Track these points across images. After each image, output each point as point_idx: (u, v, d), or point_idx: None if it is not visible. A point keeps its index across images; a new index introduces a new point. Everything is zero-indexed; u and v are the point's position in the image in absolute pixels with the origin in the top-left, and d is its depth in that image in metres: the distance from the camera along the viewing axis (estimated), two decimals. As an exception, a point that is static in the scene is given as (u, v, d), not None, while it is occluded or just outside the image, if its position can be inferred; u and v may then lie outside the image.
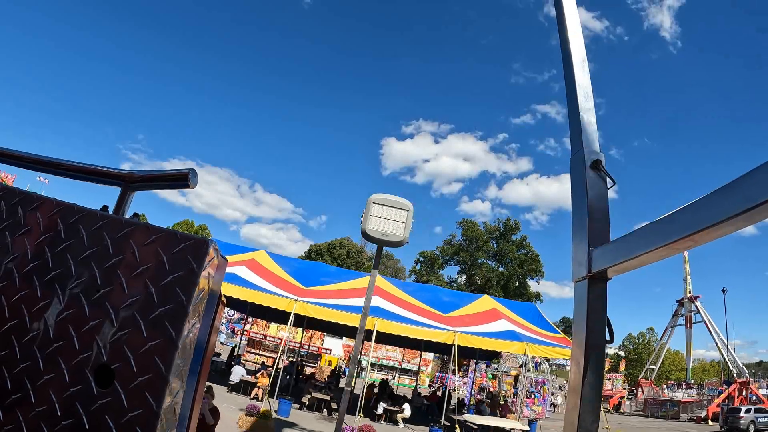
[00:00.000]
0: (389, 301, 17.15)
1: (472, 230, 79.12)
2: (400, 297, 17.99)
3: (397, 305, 17.00)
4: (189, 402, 0.90)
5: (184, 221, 69.28)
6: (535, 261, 75.62)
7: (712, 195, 1.00)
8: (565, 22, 1.73)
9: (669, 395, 44.97)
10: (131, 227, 0.88)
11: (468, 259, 78.65)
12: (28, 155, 1.04)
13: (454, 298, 20.60)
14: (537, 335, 16.94)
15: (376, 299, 16.72)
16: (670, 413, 40.29)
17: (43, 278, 0.87)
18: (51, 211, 0.91)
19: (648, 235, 1.10)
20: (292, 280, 17.30)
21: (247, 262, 17.18)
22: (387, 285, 18.94)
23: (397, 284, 20.33)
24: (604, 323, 1.21)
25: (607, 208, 1.35)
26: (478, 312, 18.17)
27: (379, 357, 44.02)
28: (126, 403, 0.80)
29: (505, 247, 76.74)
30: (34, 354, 0.84)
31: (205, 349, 0.93)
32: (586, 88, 1.55)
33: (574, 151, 1.46)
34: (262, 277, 16.51)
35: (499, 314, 17.95)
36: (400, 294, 18.39)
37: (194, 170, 0.94)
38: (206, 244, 0.86)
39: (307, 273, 18.67)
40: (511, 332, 16.38)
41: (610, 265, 1.17)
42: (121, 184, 0.99)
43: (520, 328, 17.10)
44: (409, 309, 17.01)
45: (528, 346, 15.29)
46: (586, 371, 1.16)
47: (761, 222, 1.03)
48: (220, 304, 0.97)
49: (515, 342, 15.63)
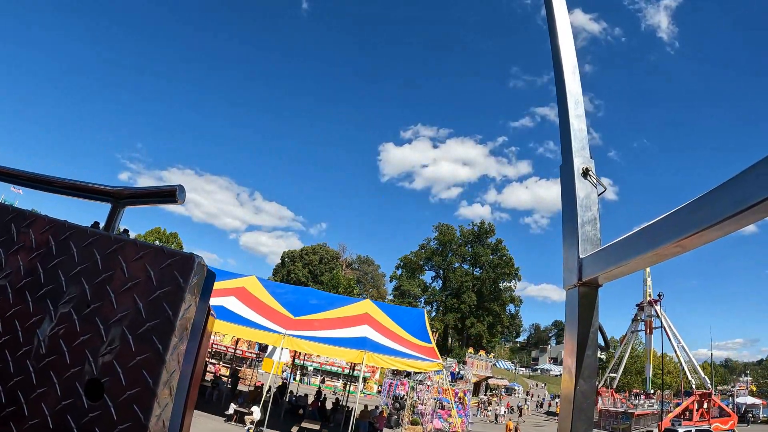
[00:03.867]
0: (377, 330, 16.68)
1: (447, 234, 78.60)
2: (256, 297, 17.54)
3: (246, 305, 16.62)
4: (178, 415, 0.91)
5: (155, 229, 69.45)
6: (509, 264, 74.85)
7: (700, 199, 1.00)
8: (556, 29, 1.74)
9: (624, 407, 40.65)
10: (120, 243, 0.90)
11: (442, 264, 78.15)
12: (21, 172, 1.06)
13: (324, 301, 19.60)
14: (398, 343, 16.33)
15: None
16: (621, 427, 37.02)
17: (36, 294, 0.89)
18: (43, 228, 0.93)
19: (637, 241, 1.10)
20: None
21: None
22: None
23: (267, 286, 19.45)
24: (595, 331, 1.20)
25: (598, 215, 1.35)
26: (344, 317, 17.55)
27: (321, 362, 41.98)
28: (115, 416, 0.81)
29: (479, 250, 76.17)
30: (27, 368, 0.86)
31: (195, 362, 0.94)
32: (577, 95, 1.55)
33: (564, 159, 1.46)
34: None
35: (369, 320, 17.29)
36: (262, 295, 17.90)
37: (182, 186, 0.96)
38: (192, 259, 0.87)
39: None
40: (362, 339, 15.60)
41: (600, 272, 1.17)
42: (110, 200, 1.01)
43: (382, 335, 16.49)
44: (257, 310, 16.57)
45: (367, 354, 14.56)
46: (578, 380, 1.15)
47: (759, 221, 1.02)
48: (209, 317, 0.98)
49: (351, 350, 14.92)
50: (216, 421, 15.83)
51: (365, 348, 14.67)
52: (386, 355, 15.15)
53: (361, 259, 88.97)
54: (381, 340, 16.13)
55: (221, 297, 16.11)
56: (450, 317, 73.09)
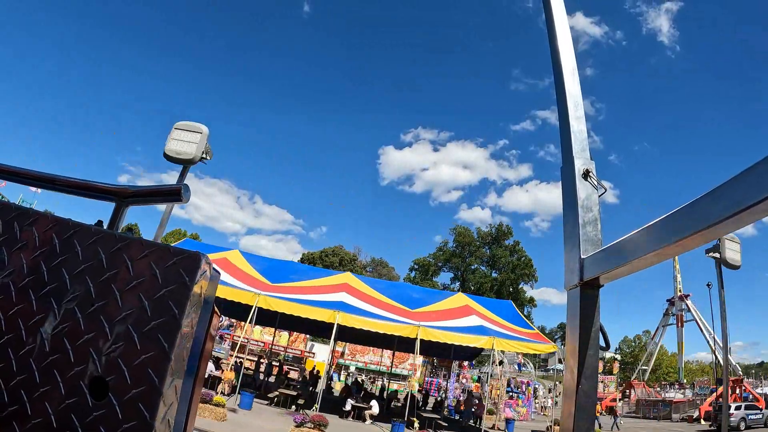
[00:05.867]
0: (354, 296, 16.98)
1: (465, 236, 78.74)
2: (366, 293, 17.79)
3: (362, 300, 16.81)
4: (183, 413, 0.91)
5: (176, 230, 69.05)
6: (528, 266, 75.05)
7: (699, 200, 1.01)
8: (555, 31, 1.75)
9: (662, 396, 44.57)
10: (125, 242, 0.89)
11: (461, 265, 78.25)
12: (24, 171, 1.06)
13: (424, 295, 20.29)
14: (508, 330, 16.64)
15: (342, 295, 16.66)
16: (662, 414, 39.96)
17: (39, 292, 0.88)
18: (46, 227, 0.92)
19: (638, 241, 1.11)
20: (259, 276, 17.09)
21: (218, 260, 16.92)
22: (356, 282, 18.75)
23: (367, 281, 20.02)
24: (597, 330, 1.21)
25: (598, 216, 1.36)
26: (449, 308, 17.94)
27: (366, 362, 43.18)
28: (120, 415, 0.81)
29: (497, 252, 76.38)
30: (30, 367, 0.85)
31: (199, 360, 0.94)
32: (577, 97, 1.57)
33: (564, 160, 1.47)
34: (230, 274, 16.28)
35: (471, 310, 17.69)
36: (368, 290, 18.17)
37: (187, 185, 0.96)
38: (198, 258, 0.87)
39: (277, 271, 18.38)
40: (480, 327, 16.09)
41: (601, 272, 1.18)
42: (114, 199, 1.01)
43: (491, 323, 16.87)
44: (373, 304, 16.79)
45: (495, 340, 14.94)
46: (580, 379, 1.16)
47: (760, 222, 1.04)
48: (213, 316, 0.98)
49: (482, 336, 15.29)
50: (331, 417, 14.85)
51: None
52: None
53: (375, 262, 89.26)
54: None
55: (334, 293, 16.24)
56: (469, 318, 73.57)
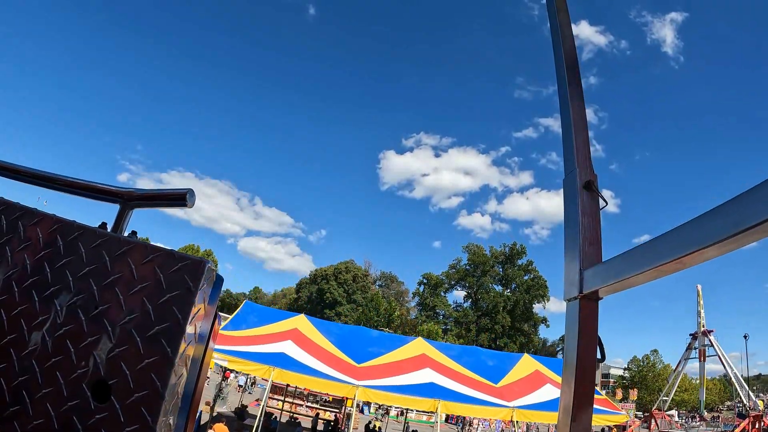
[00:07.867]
0: (443, 374, 16.29)
1: (478, 255, 79.06)
2: (450, 368, 17.05)
3: (451, 378, 16.09)
4: (183, 419, 0.91)
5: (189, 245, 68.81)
6: (542, 286, 75.45)
7: (701, 218, 1.02)
8: (560, 40, 1.76)
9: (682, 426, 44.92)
10: (129, 246, 0.89)
11: (474, 284, 78.54)
12: (26, 169, 1.05)
13: (496, 360, 19.45)
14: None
15: (429, 373, 16.06)
16: None
17: (42, 293, 0.88)
18: (50, 227, 0.92)
19: (638, 257, 1.12)
20: (341, 354, 16.52)
21: (291, 334, 16.57)
22: (433, 351, 17.93)
23: (441, 348, 19.11)
24: (595, 343, 1.22)
25: (600, 228, 1.37)
26: (524, 376, 17.17)
27: None
28: (122, 418, 0.81)
29: (511, 272, 76.76)
30: (32, 367, 0.85)
31: (200, 367, 0.94)
32: (580, 106, 1.57)
33: (567, 171, 1.48)
34: (312, 355, 15.79)
35: (544, 378, 17.01)
36: (450, 363, 17.40)
37: (192, 190, 0.96)
38: (203, 264, 0.87)
39: (352, 343, 17.78)
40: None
41: (601, 285, 1.19)
42: (119, 201, 1.00)
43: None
44: (461, 382, 16.08)
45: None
46: (578, 391, 1.17)
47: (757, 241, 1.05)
48: (215, 322, 0.98)
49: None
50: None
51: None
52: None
53: (385, 276, 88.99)
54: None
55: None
56: (483, 337, 73.21)
